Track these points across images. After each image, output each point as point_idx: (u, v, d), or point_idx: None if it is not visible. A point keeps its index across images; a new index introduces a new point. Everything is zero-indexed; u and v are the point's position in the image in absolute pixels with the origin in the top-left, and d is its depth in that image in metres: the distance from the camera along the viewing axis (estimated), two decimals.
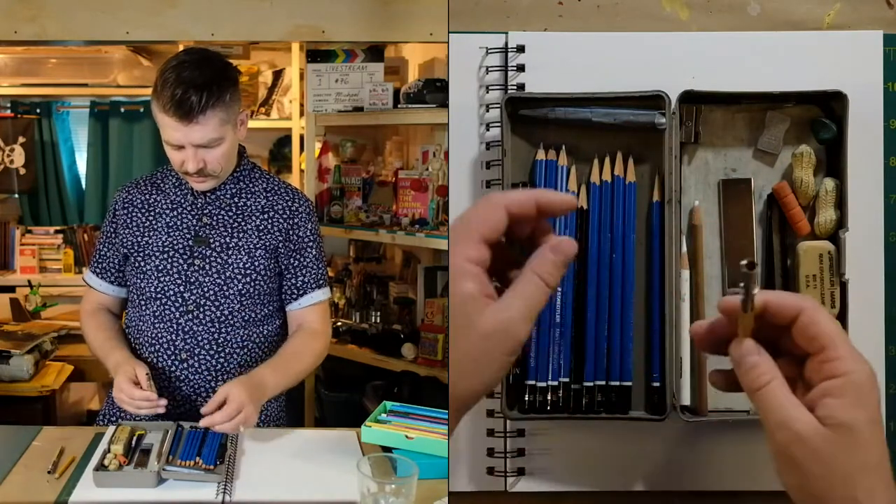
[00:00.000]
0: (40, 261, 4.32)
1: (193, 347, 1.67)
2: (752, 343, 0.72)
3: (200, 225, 1.68)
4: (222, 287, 1.66)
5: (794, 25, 1.13)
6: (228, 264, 1.66)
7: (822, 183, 1.10)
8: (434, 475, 1.30)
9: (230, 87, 1.59)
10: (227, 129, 1.60)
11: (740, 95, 1.10)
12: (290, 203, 1.73)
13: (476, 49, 1.13)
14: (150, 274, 1.67)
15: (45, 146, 4.64)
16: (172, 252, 1.67)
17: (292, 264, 1.72)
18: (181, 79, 1.54)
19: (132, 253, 1.70)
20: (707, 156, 1.12)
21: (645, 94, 1.08)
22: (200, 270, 1.66)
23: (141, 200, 1.72)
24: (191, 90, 1.52)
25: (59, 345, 2.96)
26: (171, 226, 1.68)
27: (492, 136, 1.12)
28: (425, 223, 2.78)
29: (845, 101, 1.07)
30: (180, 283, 1.66)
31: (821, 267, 1.09)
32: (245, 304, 1.68)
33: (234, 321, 1.68)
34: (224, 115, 1.58)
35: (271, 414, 1.79)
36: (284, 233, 1.71)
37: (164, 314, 1.67)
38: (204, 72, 1.56)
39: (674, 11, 1.14)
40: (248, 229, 1.69)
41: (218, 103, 1.55)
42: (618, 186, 1.10)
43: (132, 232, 1.71)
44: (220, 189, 1.70)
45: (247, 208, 1.71)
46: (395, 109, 2.98)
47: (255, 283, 1.68)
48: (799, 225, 1.10)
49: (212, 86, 1.55)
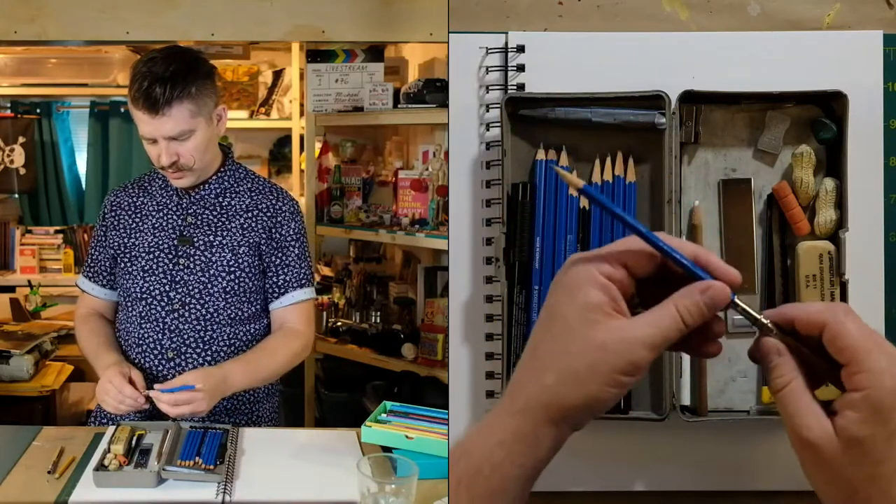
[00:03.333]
0: (40, 261, 4.33)
1: (180, 346, 1.68)
2: (773, 343, 0.71)
3: (185, 225, 1.70)
4: (206, 285, 1.67)
5: (794, 25, 1.13)
6: (212, 262, 1.68)
7: (822, 183, 1.10)
8: (434, 475, 1.30)
9: (198, 79, 1.62)
10: (198, 122, 1.63)
11: (740, 95, 1.10)
12: (274, 202, 1.75)
13: (476, 49, 1.13)
14: (136, 274, 1.69)
15: (45, 146, 4.64)
16: (158, 252, 1.68)
17: (274, 262, 1.73)
18: (149, 72, 1.58)
19: (119, 254, 1.72)
20: (707, 156, 1.12)
21: (645, 94, 1.08)
22: (185, 269, 1.67)
23: (128, 203, 1.75)
24: (156, 83, 1.57)
25: (59, 345, 2.96)
26: (156, 227, 1.70)
27: (492, 136, 1.12)
28: (425, 223, 2.78)
29: (845, 101, 1.07)
30: (166, 282, 1.67)
31: (821, 267, 1.09)
32: (230, 301, 1.69)
33: (220, 319, 1.69)
34: (193, 108, 1.61)
35: (263, 415, 1.79)
36: (267, 231, 1.72)
37: (151, 314, 1.68)
38: (171, 65, 1.60)
39: (674, 11, 1.14)
40: (232, 228, 1.71)
41: (184, 95, 1.59)
42: (618, 186, 1.10)
43: (119, 234, 1.73)
44: (205, 188, 1.72)
45: (231, 207, 1.72)
46: (395, 109, 2.98)
47: (240, 281, 1.69)
48: (799, 225, 1.10)
49: (176, 78, 1.58)
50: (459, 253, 1.12)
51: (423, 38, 2.95)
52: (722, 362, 1.11)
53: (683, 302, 0.69)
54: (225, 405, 1.67)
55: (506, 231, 1.09)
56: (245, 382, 1.66)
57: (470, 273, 1.12)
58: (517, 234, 1.09)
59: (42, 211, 4.69)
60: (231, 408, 1.71)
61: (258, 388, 1.76)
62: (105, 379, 1.56)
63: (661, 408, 1.09)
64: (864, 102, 1.10)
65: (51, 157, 4.68)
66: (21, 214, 4.60)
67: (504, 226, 1.09)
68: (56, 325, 3.13)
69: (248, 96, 4.40)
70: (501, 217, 1.09)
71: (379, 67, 3.15)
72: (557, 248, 1.10)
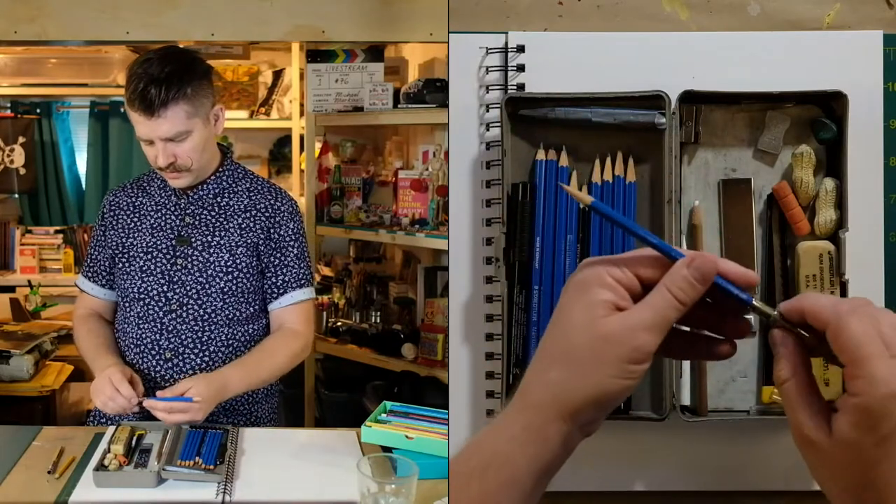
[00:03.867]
0: (40, 261, 4.32)
1: (178, 347, 1.67)
2: (779, 335, 0.71)
3: (183, 225, 1.70)
4: (204, 285, 1.67)
5: (794, 25, 1.13)
6: (210, 262, 1.67)
7: (822, 183, 1.10)
8: (434, 475, 1.30)
9: (195, 80, 1.61)
10: (195, 123, 1.62)
11: (740, 95, 1.10)
12: (273, 202, 1.74)
13: (476, 49, 1.13)
14: (133, 275, 1.68)
15: (45, 146, 4.64)
16: (156, 252, 1.68)
17: (273, 262, 1.73)
18: (144, 73, 1.57)
19: (118, 254, 1.72)
20: (707, 156, 1.12)
21: (645, 94, 1.08)
22: (183, 269, 1.67)
23: (127, 203, 1.74)
24: (151, 84, 1.55)
25: (59, 345, 2.96)
26: (154, 227, 1.70)
27: (492, 136, 1.12)
28: (425, 223, 2.78)
29: (845, 101, 1.07)
30: (163, 282, 1.67)
31: (821, 267, 1.09)
32: (228, 302, 1.68)
33: (218, 319, 1.68)
34: (190, 109, 1.60)
35: (263, 415, 1.79)
36: (265, 231, 1.72)
37: (148, 314, 1.67)
38: (166, 66, 1.58)
39: (674, 11, 1.14)
40: (230, 228, 1.70)
41: (180, 96, 1.57)
42: (618, 186, 1.10)
43: (118, 234, 1.72)
44: (203, 189, 1.71)
45: (229, 207, 1.72)
46: (395, 109, 2.98)
47: (238, 281, 1.69)
48: (799, 225, 1.10)
49: (172, 79, 1.57)
50: (459, 253, 1.12)
51: (423, 38, 2.95)
52: (722, 362, 1.11)
53: (673, 281, 0.70)
54: (224, 406, 1.66)
55: (506, 231, 1.09)
56: (244, 386, 1.66)
57: (470, 273, 1.12)
58: (517, 234, 1.09)
59: (42, 211, 4.69)
60: (230, 408, 1.71)
61: (257, 390, 1.75)
62: (103, 377, 1.55)
63: (661, 408, 1.09)
64: (864, 102, 1.10)
65: (51, 157, 4.68)
66: (21, 214, 4.60)
67: (504, 226, 1.09)
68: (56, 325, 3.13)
69: (248, 96, 4.40)
70: (501, 217, 1.09)
71: (379, 67, 3.15)
72: (557, 248, 1.10)
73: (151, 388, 1.65)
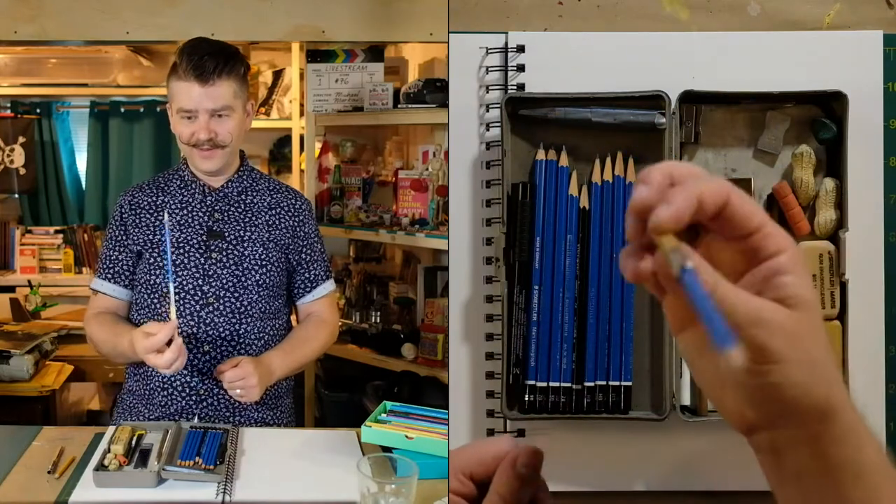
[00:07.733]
0: (40, 261, 4.33)
1: (216, 339, 1.69)
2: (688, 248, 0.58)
3: (213, 220, 1.73)
4: (240, 278, 1.70)
5: (794, 25, 1.13)
6: (245, 256, 1.72)
7: (822, 183, 1.10)
8: (434, 475, 1.30)
9: (242, 66, 1.73)
10: (238, 104, 1.71)
11: (740, 95, 1.10)
12: (294, 201, 1.82)
13: (476, 49, 1.13)
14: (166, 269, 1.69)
15: (45, 146, 4.65)
16: (188, 247, 1.71)
17: (304, 259, 1.80)
18: (201, 48, 1.68)
19: (147, 250, 1.72)
20: (707, 156, 1.12)
21: (645, 94, 1.08)
22: (218, 263, 1.70)
23: (147, 202, 1.76)
24: (208, 56, 1.65)
25: (59, 345, 2.96)
26: (182, 223, 1.72)
27: (492, 136, 1.12)
28: (425, 223, 2.78)
29: (845, 101, 1.07)
30: (198, 276, 1.69)
31: (821, 267, 1.09)
32: (262, 295, 1.73)
33: (253, 312, 1.72)
34: (237, 88, 1.70)
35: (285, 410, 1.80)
36: (291, 230, 1.78)
37: (184, 308, 1.69)
38: (219, 45, 1.72)
39: (674, 11, 1.14)
40: (259, 224, 1.75)
41: (233, 73, 1.68)
42: (618, 186, 1.10)
43: (143, 231, 1.74)
44: (228, 187, 1.77)
45: (254, 205, 1.77)
46: (395, 109, 2.98)
47: (270, 275, 1.74)
48: (799, 225, 1.10)
49: (227, 56, 1.68)
50: (459, 253, 1.12)
51: (423, 38, 2.95)
52: None
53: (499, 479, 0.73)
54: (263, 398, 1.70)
55: (506, 231, 1.09)
56: (285, 372, 1.74)
57: (470, 273, 1.12)
58: (517, 234, 1.09)
59: (42, 211, 4.69)
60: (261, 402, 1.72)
61: (280, 383, 1.77)
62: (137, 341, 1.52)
63: (661, 408, 1.09)
64: (864, 102, 1.10)
65: (51, 157, 4.68)
66: (21, 214, 4.61)
67: (504, 226, 1.09)
68: (56, 325, 3.13)
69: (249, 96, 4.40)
70: (501, 217, 1.09)
71: (379, 67, 3.15)
72: (557, 248, 1.10)
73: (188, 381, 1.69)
